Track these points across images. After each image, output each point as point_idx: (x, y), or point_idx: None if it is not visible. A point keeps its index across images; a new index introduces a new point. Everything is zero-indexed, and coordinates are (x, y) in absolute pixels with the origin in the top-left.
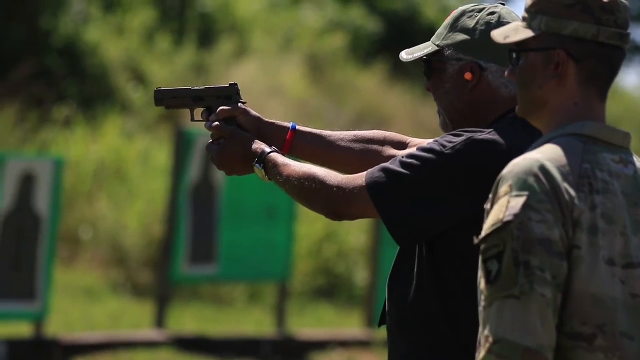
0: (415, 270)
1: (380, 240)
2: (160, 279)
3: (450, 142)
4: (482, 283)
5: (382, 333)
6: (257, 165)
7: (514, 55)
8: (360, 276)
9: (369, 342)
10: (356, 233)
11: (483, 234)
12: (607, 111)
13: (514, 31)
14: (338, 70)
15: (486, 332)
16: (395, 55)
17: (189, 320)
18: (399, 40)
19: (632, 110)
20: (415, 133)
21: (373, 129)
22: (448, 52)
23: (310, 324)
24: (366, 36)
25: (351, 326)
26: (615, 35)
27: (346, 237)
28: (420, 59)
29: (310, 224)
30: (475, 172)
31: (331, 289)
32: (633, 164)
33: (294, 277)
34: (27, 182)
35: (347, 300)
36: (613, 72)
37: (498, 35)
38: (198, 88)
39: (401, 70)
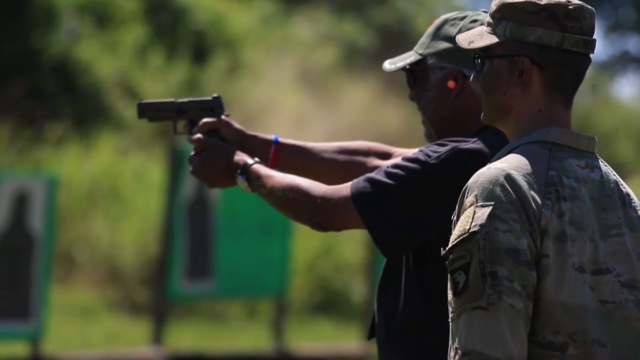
0: (403, 281)
1: (377, 254)
2: (156, 297)
3: (435, 152)
4: (449, 295)
5: None
6: (239, 176)
7: (478, 61)
8: (358, 290)
9: (367, 356)
10: (353, 247)
11: (449, 245)
12: (604, 122)
13: (479, 36)
14: (332, 84)
15: (455, 344)
16: None
17: (186, 337)
18: (392, 53)
19: (628, 121)
20: (409, 145)
21: (357, 140)
22: (431, 61)
23: (308, 339)
24: (359, 49)
25: (349, 340)
26: (580, 42)
27: (343, 251)
28: (403, 68)
29: (307, 239)
30: (460, 181)
31: (328, 303)
32: (599, 168)
33: (291, 293)
34: (21, 202)
35: (344, 314)
36: (578, 79)
37: (462, 39)
38: (181, 100)
39: (395, 83)
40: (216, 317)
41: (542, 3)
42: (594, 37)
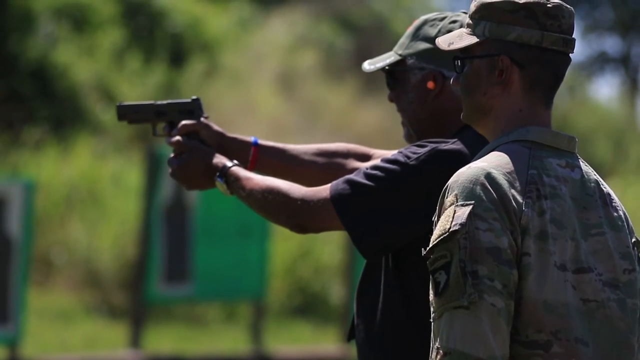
0: (382, 282)
1: (355, 256)
2: (134, 300)
3: (415, 153)
4: (431, 295)
5: None
6: (218, 179)
7: (458, 63)
8: (336, 293)
9: (345, 358)
10: (331, 250)
11: (430, 245)
12: (581, 123)
13: (458, 38)
14: (310, 87)
15: (437, 344)
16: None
17: (165, 340)
18: (369, 55)
19: (606, 122)
20: (387, 147)
21: (336, 142)
22: (410, 61)
23: (287, 341)
24: (337, 51)
25: (327, 343)
26: (559, 40)
27: (321, 254)
28: (383, 69)
29: (285, 242)
30: (440, 182)
31: (307, 306)
32: (579, 167)
33: (270, 296)
34: None
35: (322, 317)
36: (558, 78)
37: (442, 42)
38: (160, 102)
39: (373, 86)
40: (194, 320)
41: (520, 2)
42: (573, 36)
